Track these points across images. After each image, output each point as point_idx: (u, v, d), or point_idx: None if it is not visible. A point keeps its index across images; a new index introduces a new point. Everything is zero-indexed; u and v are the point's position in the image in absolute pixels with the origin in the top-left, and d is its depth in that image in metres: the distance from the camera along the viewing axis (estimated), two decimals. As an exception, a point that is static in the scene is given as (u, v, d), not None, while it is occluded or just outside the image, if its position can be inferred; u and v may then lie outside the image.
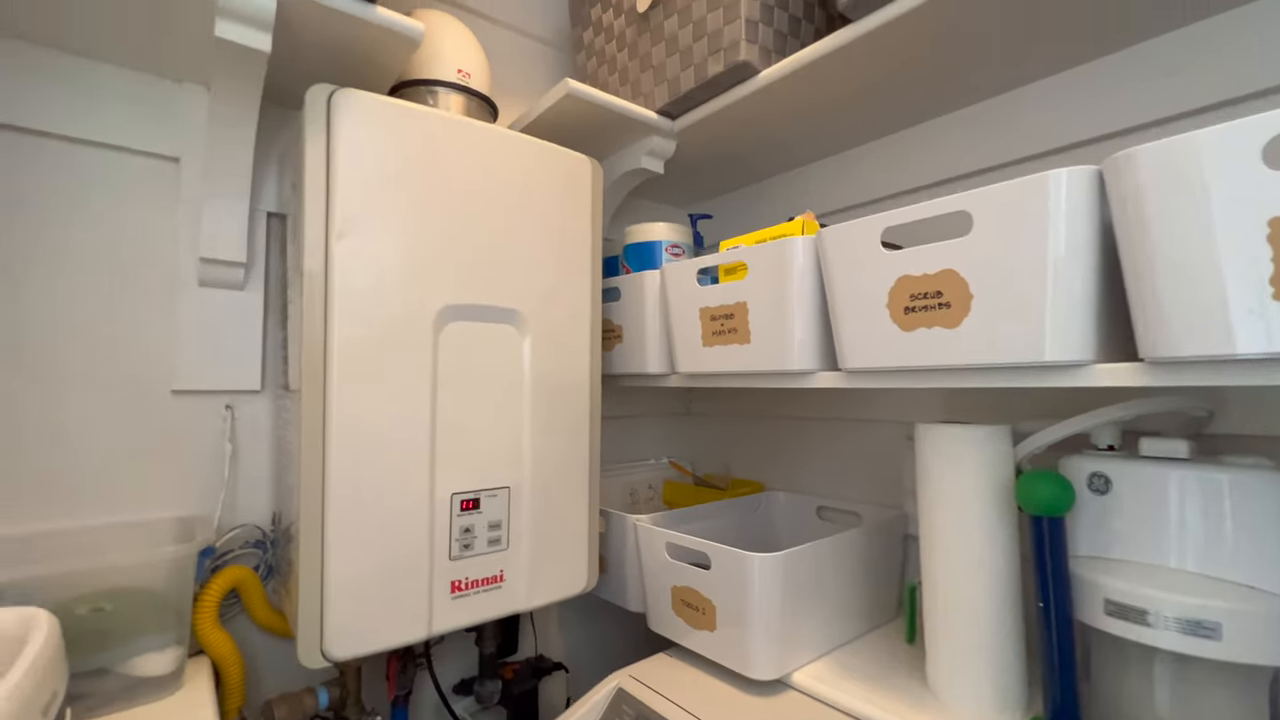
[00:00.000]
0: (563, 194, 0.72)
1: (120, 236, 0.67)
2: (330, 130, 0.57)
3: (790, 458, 1.02)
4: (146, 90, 0.68)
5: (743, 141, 0.88)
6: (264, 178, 0.74)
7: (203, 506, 0.71)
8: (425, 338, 0.62)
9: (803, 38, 0.74)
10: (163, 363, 0.69)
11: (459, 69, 0.73)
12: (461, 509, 0.65)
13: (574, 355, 0.74)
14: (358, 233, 0.58)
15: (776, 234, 0.65)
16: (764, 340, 0.64)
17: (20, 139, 0.62)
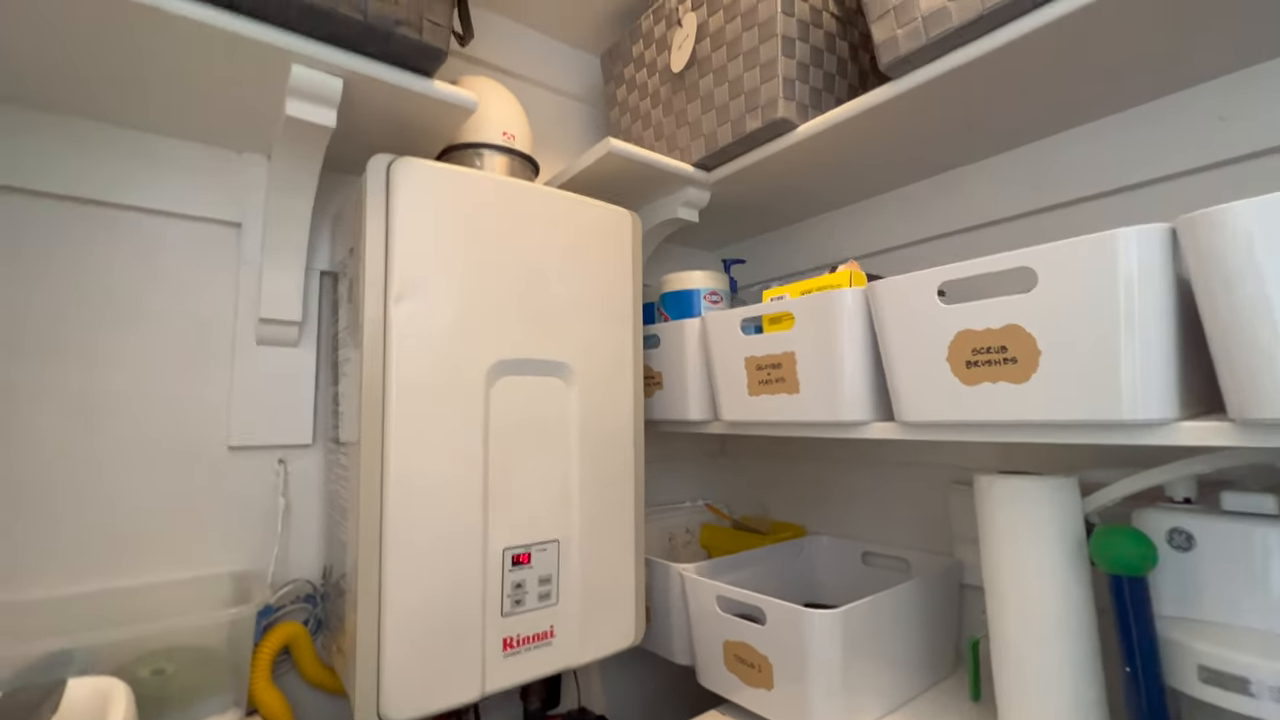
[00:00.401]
0: (605, 247, 0.74)
1: (183, 299, 0.70)
2: (389, 198, 0.59)
3: (831, 500, 1.00)
4: (210, 161, 0.71)
5: (775, 189, 0.89)
6: (318, 238, 0.76)
7: (256, 561, 0.71)
8: (478, 393, 0.63)
9: (837, 92, 0.76)
10: (220, 419, 0.71)
11: (504, 131, 0.76)
12: (513, 564, 0.64)
13: (618, 404, 0.74)
14: (415, 295, 0.59)
15: (822, 285, 0.66)
16: (814, 390, 0.64)
17: (93, 210, 0.65)
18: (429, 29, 0.56)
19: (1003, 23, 0.53)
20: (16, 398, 0.61)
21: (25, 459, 0.61)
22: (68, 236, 0.64)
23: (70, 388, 0.63)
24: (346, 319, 0.67)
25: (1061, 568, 0.52)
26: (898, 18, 0.58)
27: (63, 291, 0.63)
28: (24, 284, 0.62)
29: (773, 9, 0.70)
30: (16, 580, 0.59)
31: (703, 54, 0.79)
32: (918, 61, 0.59)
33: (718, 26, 0.77)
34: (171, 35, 0.51)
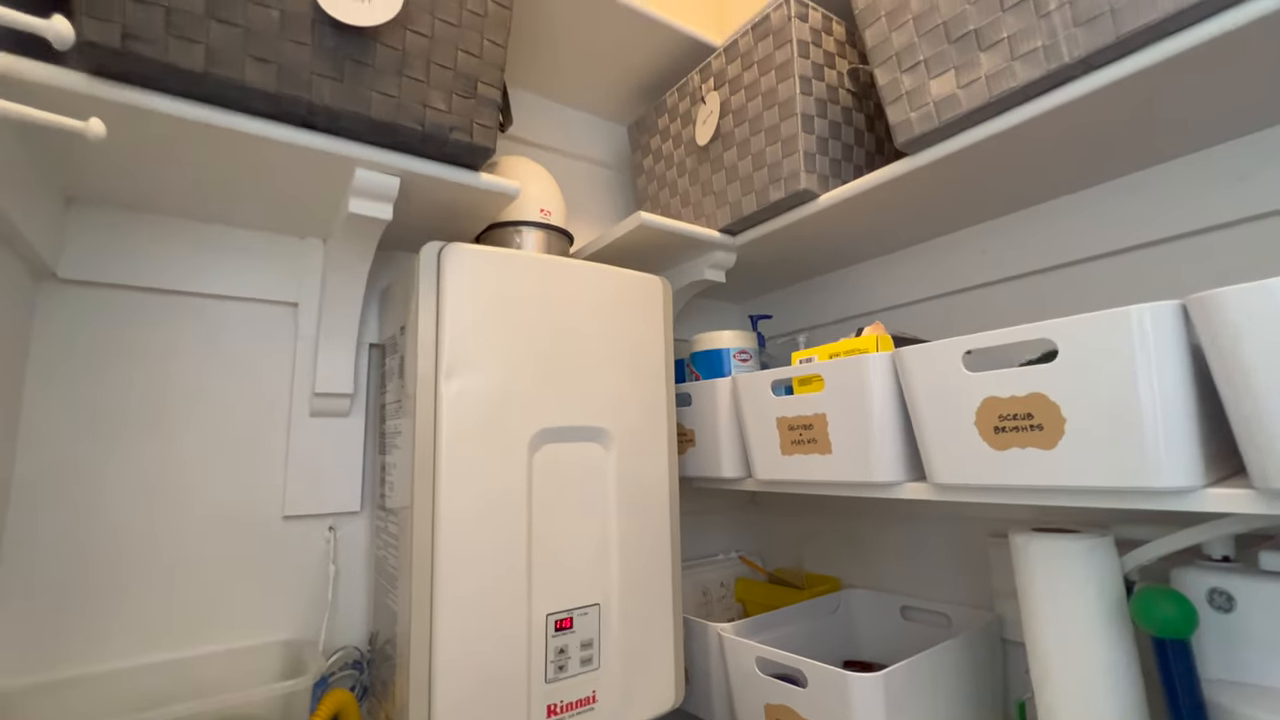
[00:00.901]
0: (637, 312, 0.78)
1: (244, 376, 0.75)
2: (440, 283, 0.63)
3: (866, 552, 1.00)
4: (273, 246, 0.77)
5: (799, 249, 0.93)
6: (367, 313, 0.81)
7: (308, 628, 0.74)
8: (522, 461, 0.66)
9: (855, 161, 0.80)
10: (276, 490, 0.75)
11: (541, 208, 0.81)
12: (556, 629, 0.66)
13: (653, 464, 0.76)
14: (463, 372, 0.63)
15: (849, 348, 0.68)
16: (846, 451, 0.65)
17: (166, 298, 0.71)
18: (478, 131, 0.62)
19: (1009, 108, 0.57)
20: (90, 474, 0.65)
21: (95, 533, 0.65)
22: (143, 322, 0.70)
23: (139, 463, 0.68)
24: (396, 393, 0.71)
25: (1103, 628, 0.53)
26: (910, 102, 0.63)
27: (136, 373, 0.69)
28: (101, 367, 0.67)
29: (791, 90, 0.75)
30: (86, 654, 0.63)
31: (726, 129, 0.84)
32: (931, 141, 0.63)
33: (740, 104, 0.82)
34: (259, 151, 0.57)
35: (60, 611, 0.62)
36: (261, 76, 0.51)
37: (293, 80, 0.52)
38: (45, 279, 0.65)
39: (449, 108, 0.60)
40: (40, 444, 0.63)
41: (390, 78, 0.57)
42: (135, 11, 0.46)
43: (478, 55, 0.62)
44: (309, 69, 0.53)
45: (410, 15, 0.57)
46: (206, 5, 0.49)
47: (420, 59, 0.58)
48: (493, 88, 0.63)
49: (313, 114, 0.55)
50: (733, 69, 0.83)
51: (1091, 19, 0.49)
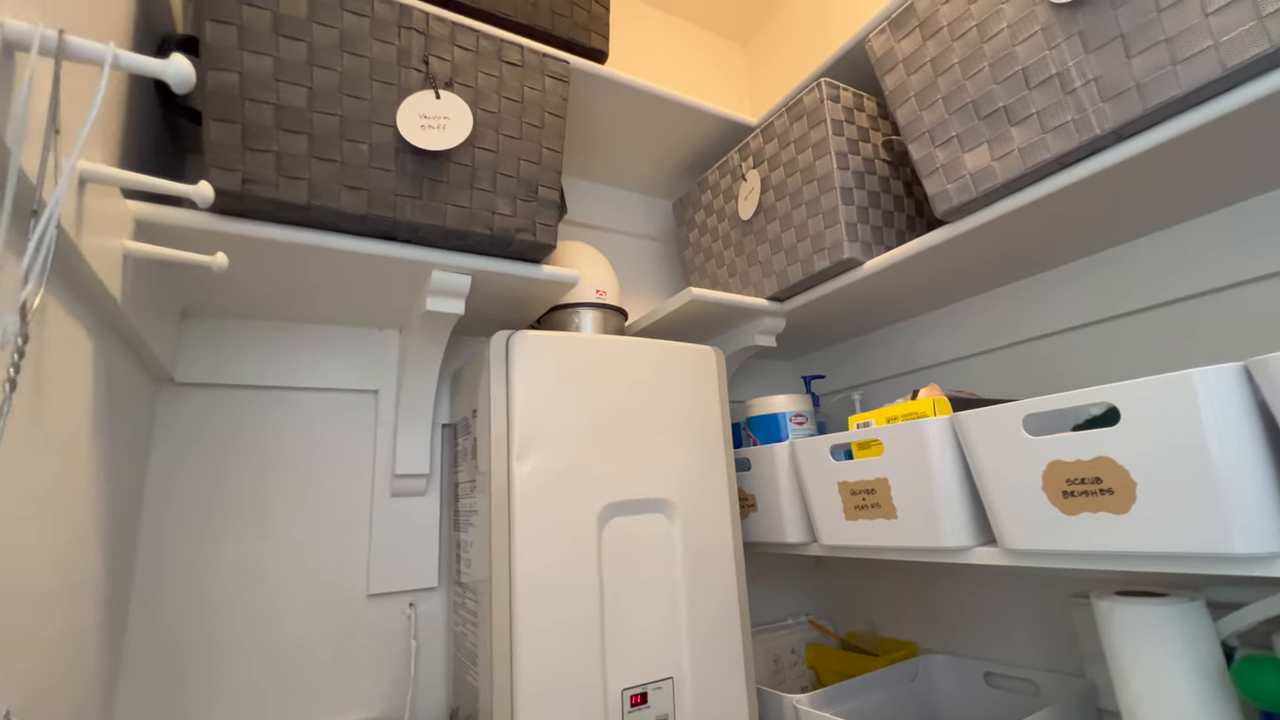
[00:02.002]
0: (693, 383, 0.80)
1: (333, 461, 0.80)
2: (509, 369, 0.68)
3: (943, 614, 0.96)
4: (355, 339, 0.84)
5: (847, 310, 0.95)
6: (440, 395, 0.87)
7: (392, 706, 0.76)
8: (592, 536, 0.68)
9: (897, 226, 0.82)
10: (361, 569, 0.79)
11: (596, 289, 0.86)
12: (631, 705, 0.66)
13: (717, 533, 0.77)
14: (533, 452, 0.67)
15: (906, 412, 0.69)
16: (911, 516, 0.65)
17: (266, 394, 0.78)
18: (541, 230, 0.67)
19: (1045, 176, 0.59)
20: (198, 563, 0.71)
21: (201, 619, 0.70)
22: (247, 417, 0.77)
23: (243, 551, 0.73)
24: (469, 473, 0.75)
25: (1206, 701, 0.50)
26: (947, 175, 0.65)
27: (240, 464, 0.75)
28: (211, 461, 0.74)
29: (829, 166, 0.78)
30: (203, 733, 0.67)
31: (768, 203, 0.88)
32: (970, 210, 0.65)
33: (780, 180, 0.86)
34: (350, 263, 0.64)
35: (171, 691, 0.67)
36: (354, 202, 0.58)
37: (380, 202, 0.59)
38: (164, 383, 0.73)
39: (514, 212, 0.66)
40: (157, 533, 0.70)
41: (462, 191, 0.63)
42: (252, 159, 0.54)
43: (537, 162, 0.68)
44: (393, 191, 0.60)
45: (478, 134, 0.64)
46: (309, 146, 0.57)
47: (487, 171, 0.65)
48: (552, 189, 0.69)
49: (397, 229, 0.61)
50: (770, 148, 0.87)
51: (1118, 94, 0.51)
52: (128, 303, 0.52)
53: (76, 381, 0.48)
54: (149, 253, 0.51)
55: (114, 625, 0.62)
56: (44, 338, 0.41)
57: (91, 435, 0.52)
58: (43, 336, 0.40)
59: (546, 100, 0.69)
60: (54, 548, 0.46)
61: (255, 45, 0.54)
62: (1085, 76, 0.54)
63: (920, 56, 0.67)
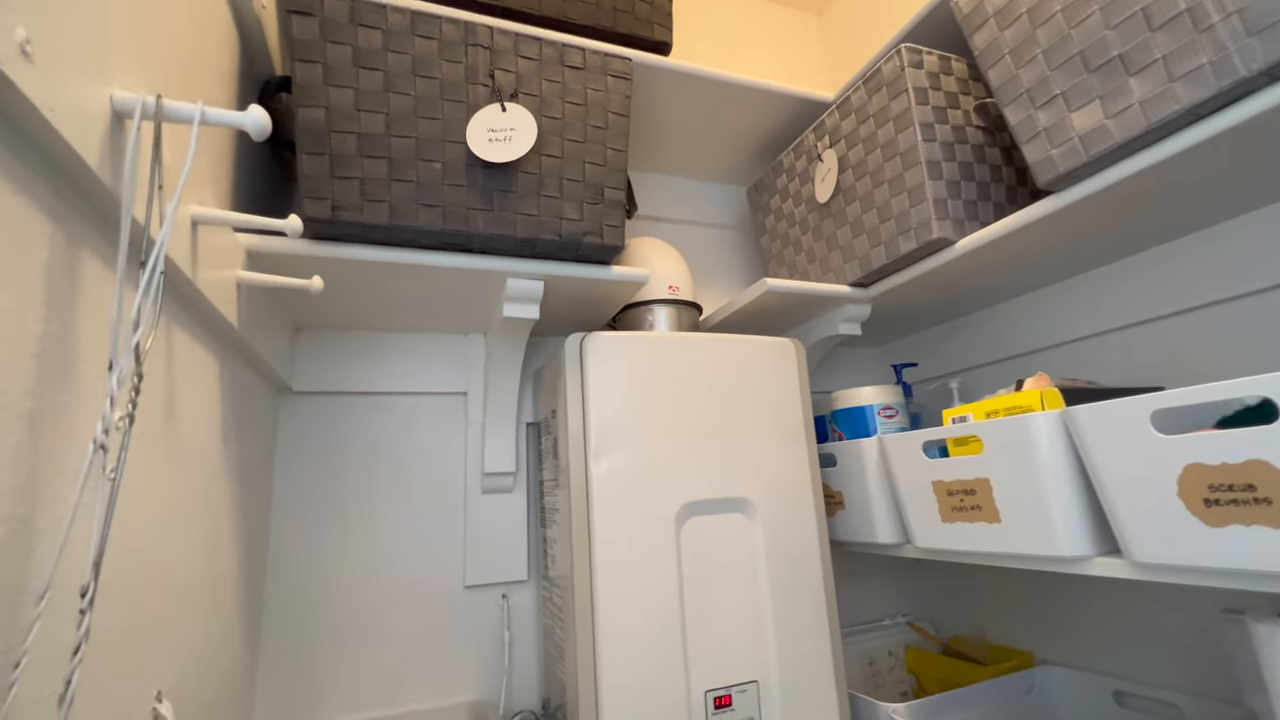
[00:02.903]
0: (771, 377, 0.78)
1: (431, 461, 0.86)
2: (583, 370, 0.69)
3: (1064, 622, 0.88)
4: (445, 345, 0.89)
5: (939, 293, 0.88)
6: (523, 395, 0.90)
7: (487, 691, 0.81)
8: (670, 535, 0.68)
9: (994, 199, 0.75)
10: (458, 562, 0.84)
11: (669, 285, 0.85)
12: (715, 707, 0.66)
13: (801, 532, 0.74)
14: (610, 451, 0.68)
15: (1009, 406, 0.63)
16: (1017, 520, 0.59)
17: (369, 399, 0.85)
18: (608, 232, 0.68)
19: (1173, 132, 0.50)
20: (320, 551, 0.78)
21: (322, 606, 0.77)
22: (354, 420, 0.83)
23: (353, 543, 0.80)
24: (552, 471, 0.78)
25: (1407, 754, 0.42)
26: (1050, 139, 0.58)
27: (350, 463, 0.82)
28: (324, 461, 0.81)
29: (913, 139, 0.73)
30: (314, 710, 0.74)
31: (847, 184, 0.83)
32: (1080, 176, 0.57)
33: (859, 158, 0.81)
34: (430, 276, 0.67)
35: (300, 673, 0.75)
36: (431, 219, 0.61)
37: (454, 217, 0.62)
38: (284, 392, 0.81)
39: (581, 216, 0.67)
40: (283, 530, 0.78)
41: (530, 199, 0.65)
42: (340, 186, 0.58)
43: (602, 164, 0.68)
44: (466, 205, 0.62)
45: (542, 142, 0.65)
46: (388, 169, 0.60)
47: (554, 178, 0.66)
48: (618, 190, 0.69)
49: (470, 241, 0.64)
50: (847, 124, 0.82)
51: (1269, 26, 0.43)
52: (244, 325, 0.58)
53: (206, 399, 0.55)
54: (258, 280, 0.56)
55: (252, 612, 0.70)
56: (173, 365, 0.46)
57: (222, 444, 0.59)
58: (172, 364, 0.46)
59: (610, 100, 0.69)
60: (197, 547, 0.53)
61: (338, 79, 0.58)
62: (1225, 9, 0.46)
63: (1014, 8, 0.60)
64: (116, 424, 0.28)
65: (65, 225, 0.31)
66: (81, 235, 0.33)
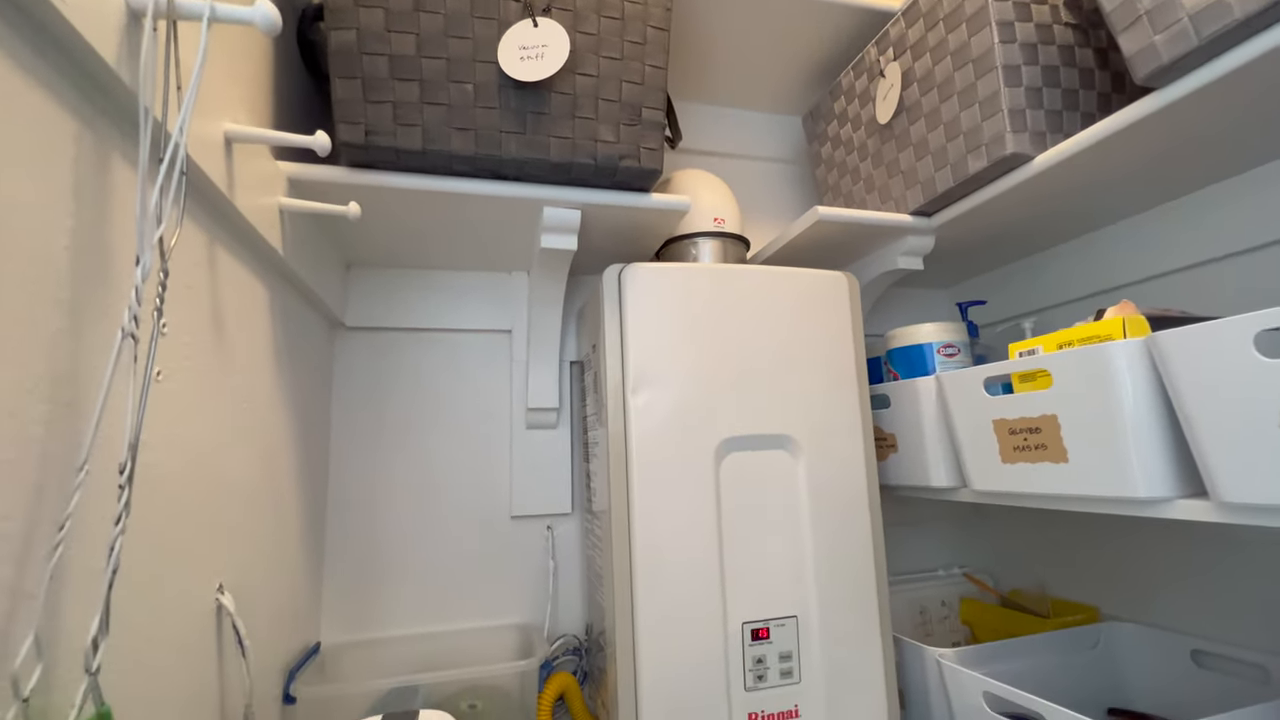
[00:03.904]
0: (821, 313, 0.74)
1: (477, 397, 0.88)
2: (622, 302, 0.68)
3: (1135, 577, 0.82)
4: (488, 283, 0.89)
5: (1013, 222, 0.80)
6: (566, 334, 0.90)
7: (533, 615, 0.84)
8: (709, 470, 0.67)
9: (1083, 108, 0.66)
10: (504, 493, 0.86)
11: (715, 217, 0.81)
12: (753, 638, 0.66)
13: (849, 474, 0.72)
14: (648, 385, 0.67)
15: (1085, 335, 0.57)
16: (1087, 459, 0.55)
17: (418, 335, 0.87)
18: (646, 155, 0.65)
19: (1315, 0, 0.42)
20: (373, 481, 0.82)
21: (379, 528, 0.81)
22: (404, 356, 0.86)
23: (406, 472, 0.83)
24: (593, 406, 0.77)
25: None
26: (1154, 22, 0.50)
27: (401, 397, 0.85)
28: (377, 394, 0.84)
29: (988, 41, 0.65)
30: (374, 622, 0.79)
31: (911, 100, 0.76)
32: (1190, 66, 0.49)
33: (925, 71, 0.74)
34: (466, 205, 0.67)
35: (361, 588, 0.80)
36: (463, 143, 0.60)
37: (487, 141, 0.60)
38: (338, 328, 0.84)
39: (617, 138, 0.64)
40: (341, 456, 0.82)
41: (564, 121, 0.62)
42: (372, 111, 0.58)
43: (640, 82, 0.65)
44: (498, 128, 0.61)
45: (577, 60, 0.62)
46: (420, 92, 0.59)
47: (589, 98, 0.63)
48: (657, 110, 0.65)
49: (503, 167, 0.63)
50: (914, 32, 0.74)
51: None
52: (292, 255, 0.60)
53: (257, 324, 0.57)
54: (298, 207, 0.57)
55: (315, 526, 0.75)
56: (218, 284, 0.48)
57: (276, 370, 0.61)
58: (216, 282, 0.47)
59: (649, 13, 0.65)
60: (256, 461, 0.56)
61: (368, 0, 0.57)
62: None
63: None
64: (143, 316, 0.29)
65: (93, 128, 0.32)
66: (111, 139, 0.34)
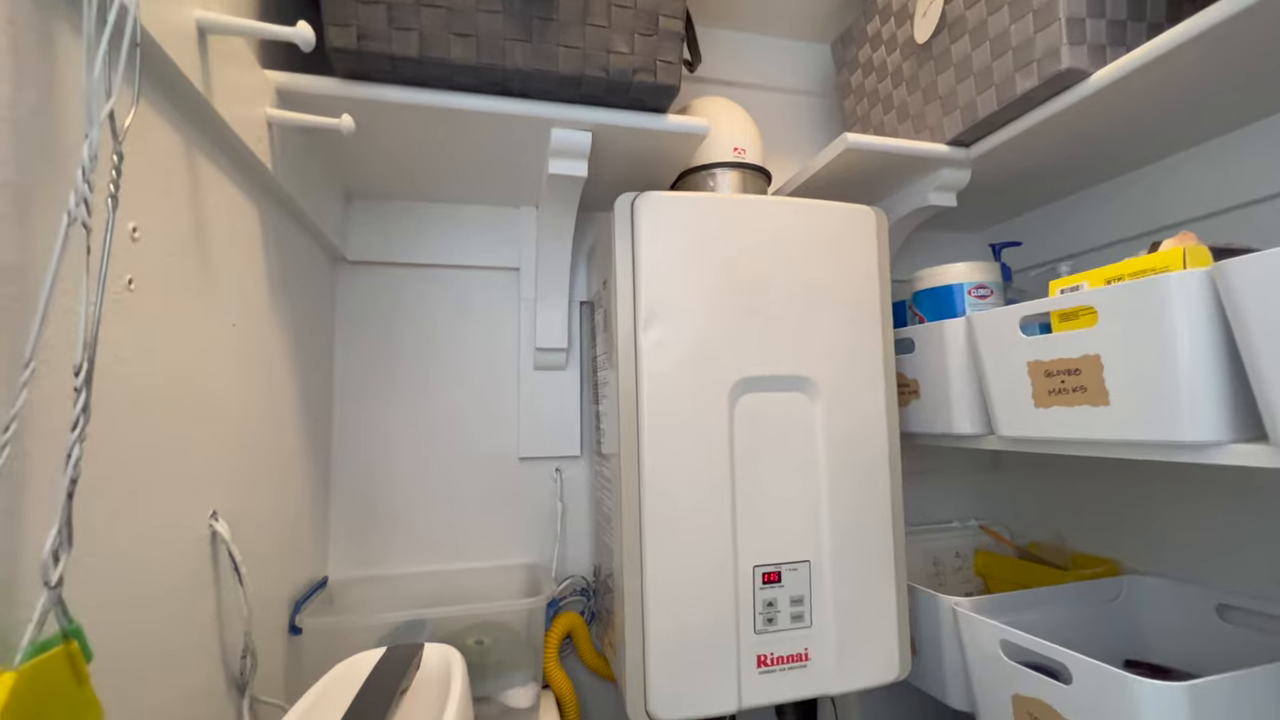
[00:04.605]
0: (846, 250, 0.69)
1: (483, 336, 0.85)
2: (634, 233, 0.64)
3: (1158, 530, 0.79)
4: (495, 218, 0.85)
5: (1059, 153, 0.74)
6: (576, 273, 0.86)
7: (541, 556, 0.83)
8: (722, 411, 0.64)
9: (1149, 18, 0.60)
10: (512, 434, 0.84)
11: (734, 147, 0.76)
12: (763, 581, 0.64)
13: (868, 419, 0.69)
14: (661, 321, 0.63)
15: (1138, 269, 0.52)
16: (1132, 402, 0.51)
17: (423, 272, 0.84)
18: (662, 69, 0.59)
19: None
20: (381, 416, 0.81)
21: (384, 466, 0.80)
22: (408, 292, 0.83)
23: (414, 407, 0.82)
24: (603, 345, 0.74)
25: None
26: (1249, -96, 0.43)
27: (405, 334, 0.82)
28: (380, 331, 0.82)
29: (1046, -58, 0.58)
30: (381, 558, 0.79)
31: (954, 15, 0.69)
32: (1287, -46, 0.43)
33: (971, -20, 0.67)
34: (467, 124, 0.62)
35: (368, 525, 0.79)
36: (464, 51, 0.55)
37: (490, 49, 0.56)
38: (340, 262, 0.81)
39: (631, 49, 0.59)
40: (345, 393, 0.80)
41: (574, 29, 0.57)
42: (364, 12, 0.53)
43: (658, -12, 0.59)
44: (502, 35, 0.56)
45: (591, -40, 0.57)
46: (418, -5, 0.54)
47: (601, 3, 0.57)
48: (675, 20, 0.60)
49: (509, 79, 0.58)
50: (963, -64, 0.67)
51: None
52: (283, 173, 0.56)
53: (250, 245, 0.54)
54: (287, 119, 0.53)
55: (319, 461, 0.74)
56: (200, 196, 0.44)
57: (271, 297, 0.59)
58: (198, 194, 0.44)
59: (668, -92, 0.59)
60: (250, 388, 0.53)
61: (358, -115, 0.52)
62: None
63: None
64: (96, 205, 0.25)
65: (34, -9, 0.28)
66: (56, 6, 0.30)
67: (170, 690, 0.40)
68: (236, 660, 0.49)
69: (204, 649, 0.45)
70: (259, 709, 0.51)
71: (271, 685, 0.57)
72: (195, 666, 0.43)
